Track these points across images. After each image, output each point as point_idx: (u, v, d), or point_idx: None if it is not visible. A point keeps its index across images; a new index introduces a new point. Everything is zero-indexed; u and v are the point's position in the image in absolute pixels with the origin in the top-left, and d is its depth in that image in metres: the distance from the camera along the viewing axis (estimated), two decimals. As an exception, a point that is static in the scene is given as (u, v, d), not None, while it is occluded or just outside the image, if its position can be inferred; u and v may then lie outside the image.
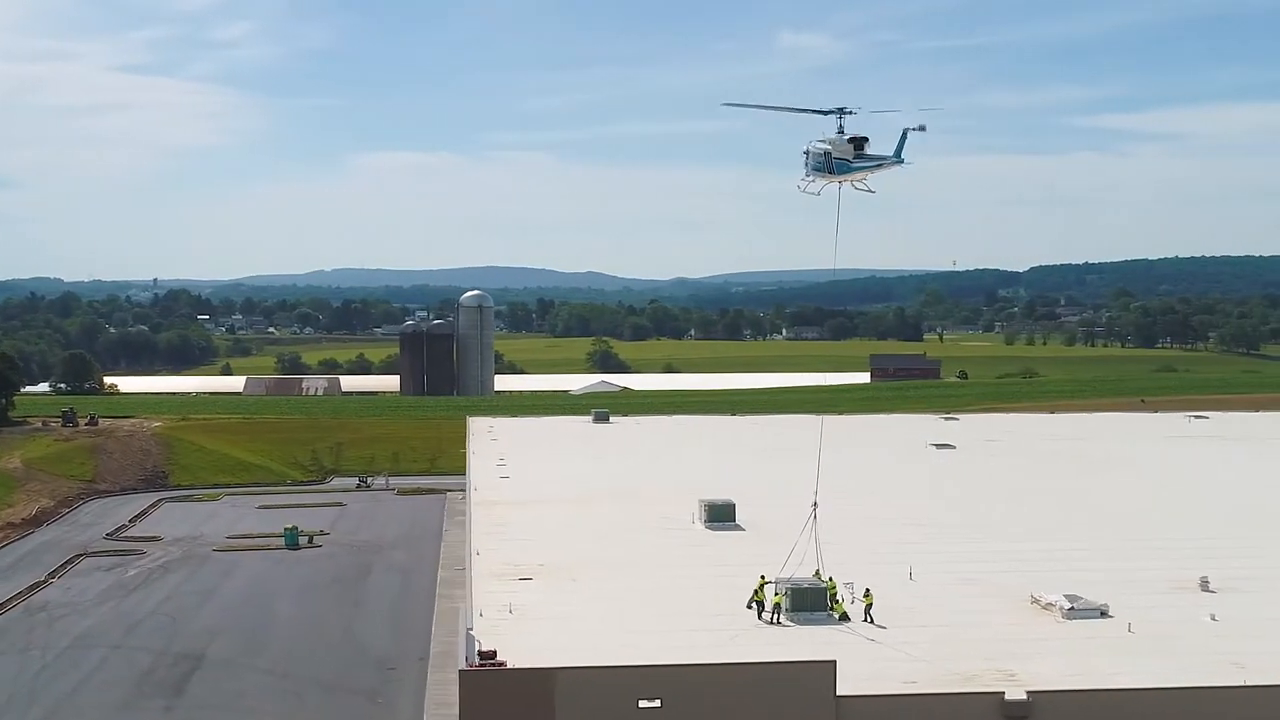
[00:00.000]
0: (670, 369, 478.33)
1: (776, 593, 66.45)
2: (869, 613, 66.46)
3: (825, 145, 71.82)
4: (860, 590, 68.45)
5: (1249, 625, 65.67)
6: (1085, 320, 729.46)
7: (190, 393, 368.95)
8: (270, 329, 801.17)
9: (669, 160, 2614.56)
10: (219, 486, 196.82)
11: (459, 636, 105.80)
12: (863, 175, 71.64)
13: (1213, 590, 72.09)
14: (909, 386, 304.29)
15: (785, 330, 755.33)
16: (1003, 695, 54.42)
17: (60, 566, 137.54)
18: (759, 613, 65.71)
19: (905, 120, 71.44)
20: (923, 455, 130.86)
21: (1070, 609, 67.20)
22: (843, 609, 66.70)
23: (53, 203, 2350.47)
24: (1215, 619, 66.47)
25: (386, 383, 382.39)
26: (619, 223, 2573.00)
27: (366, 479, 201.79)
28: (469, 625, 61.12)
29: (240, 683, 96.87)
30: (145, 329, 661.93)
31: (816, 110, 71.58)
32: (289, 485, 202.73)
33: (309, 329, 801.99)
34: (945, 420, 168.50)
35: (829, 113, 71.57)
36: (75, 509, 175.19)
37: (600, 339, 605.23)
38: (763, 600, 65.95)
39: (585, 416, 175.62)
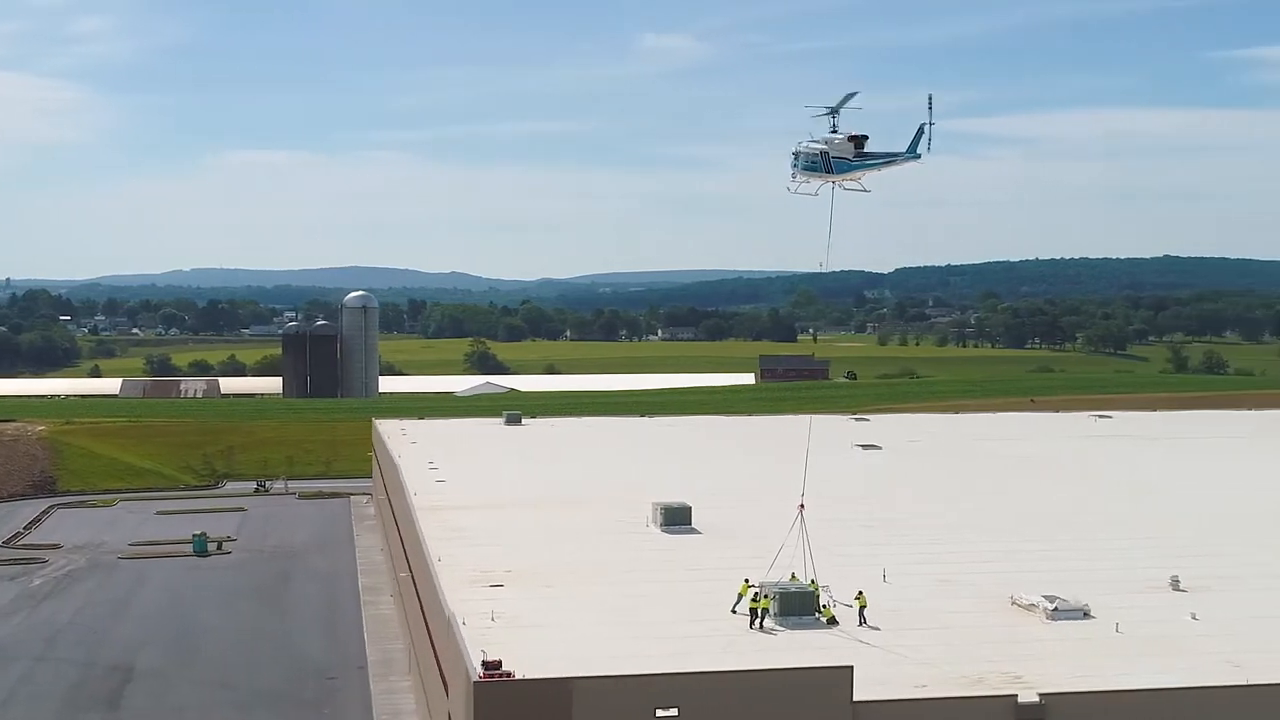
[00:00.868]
0: (553, 370, 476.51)
1: (765, 596, 65.56)
2: (862, 614, 65.97)
3: (820, 145, 70.60)
4: (837, 593, 67.99)
5: (1230, 624, 66.17)
6: (956, 321, 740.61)
7: (62, 395, 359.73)
8: (135, 330, 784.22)
9: (533, 160, 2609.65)
10: (111, 492, 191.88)
11: (400, 644, 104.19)
12: (862, 174, 70.64)
13: (1184, 590, 72.68)
14: (801, 387, 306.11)
15: (661, 331, 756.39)
16: (1016, 698, 54.12)
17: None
18: (753, 619, 64.82)
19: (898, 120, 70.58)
20: (852, 456, 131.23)
21: (1054, 610, 67.23)
22: (830, 613, 66.13)
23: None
24: (1196, 618, 66.99)
25: (268, 384, 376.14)
26: (483, 223, 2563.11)
27: (264, 483, 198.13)
28: (460, 634, 59.27)
29: (178, 695, 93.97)
30: (4, 330, 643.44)
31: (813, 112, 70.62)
32: (182, 490, 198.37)
33: (175, 330, 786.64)
34: (857, 421, 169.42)
35: (822, 114, 70.67)
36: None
37: (478, 340, 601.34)
38: (758, 608, 65.01)
39: (496, 419, 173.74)
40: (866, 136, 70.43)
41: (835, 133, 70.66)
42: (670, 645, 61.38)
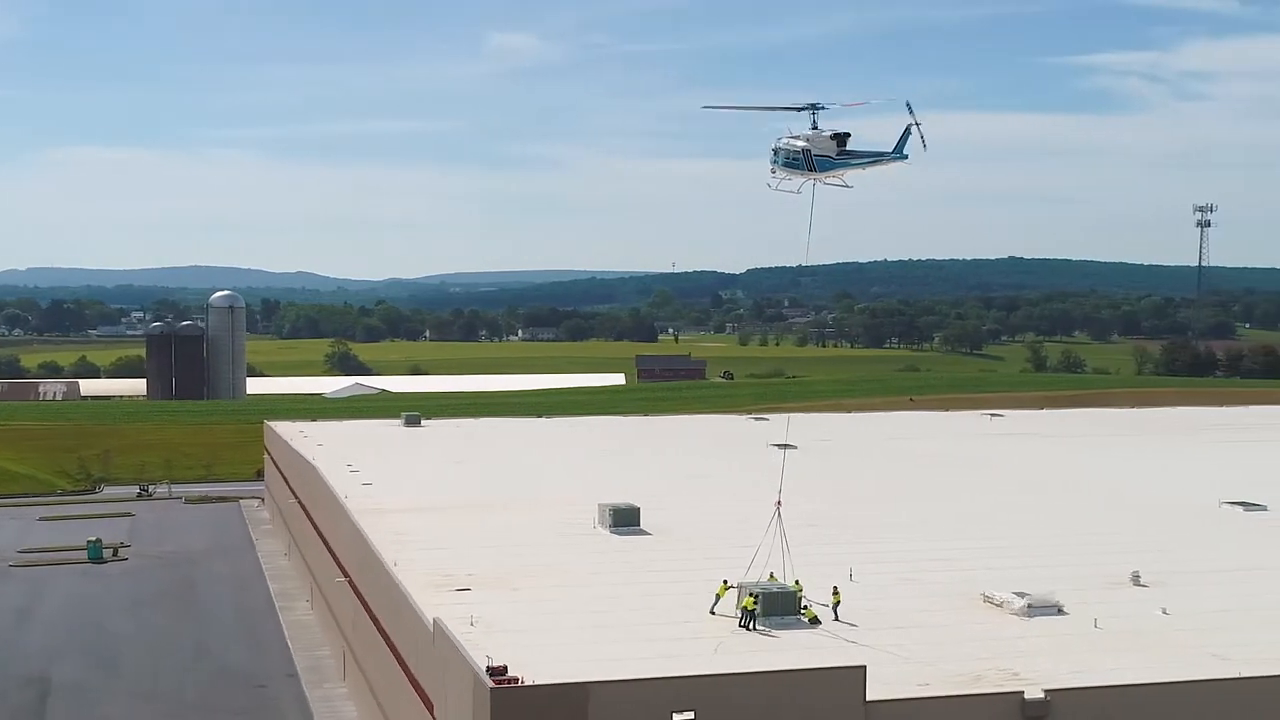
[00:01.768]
0: (419, 371, 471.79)
1: (751, 596, 65.05)
2: (836, 611, 65.86)
3: (802, 142, 70.08)
4: (808, 592, 67.74)
5: (1200, 618, 67.05)
6: (815, 322, 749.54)
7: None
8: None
9: (381, 159, 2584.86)
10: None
11: (327, 651, 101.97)
12: (845, 173, 70.31)
13: (1145, 585, 73.75)
14: (680, 387, 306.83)
15: (521, 331, 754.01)
16: (1022, 695, 54.30)
17: None
18: (740, 619, 64.28)
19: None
20: (771, 455, 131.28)
21: (1028, 607, 67.72)
22: (813, 614, 65.88)
23: None
24: (1167, 613, 67.93)
25: (130, 386, 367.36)
26: (330, 222, 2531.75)
27: (147, 487, 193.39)
28: (457, 640, 57.84)
29: (105, 707, 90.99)
30: None
31: (787, 108, 70.30)
32: (60, 495, 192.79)
33: (19, 330, 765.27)
34: (756, 421, 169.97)
35: (801, 109, 70.26)
36: None
37: (339, 341, 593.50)
38: (749, 608, 64.47)
39: (393, 420, 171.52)
40: (849, 134, 70.05)
41: (816, 129, 70.25)
42: (659, 647, 60.53)
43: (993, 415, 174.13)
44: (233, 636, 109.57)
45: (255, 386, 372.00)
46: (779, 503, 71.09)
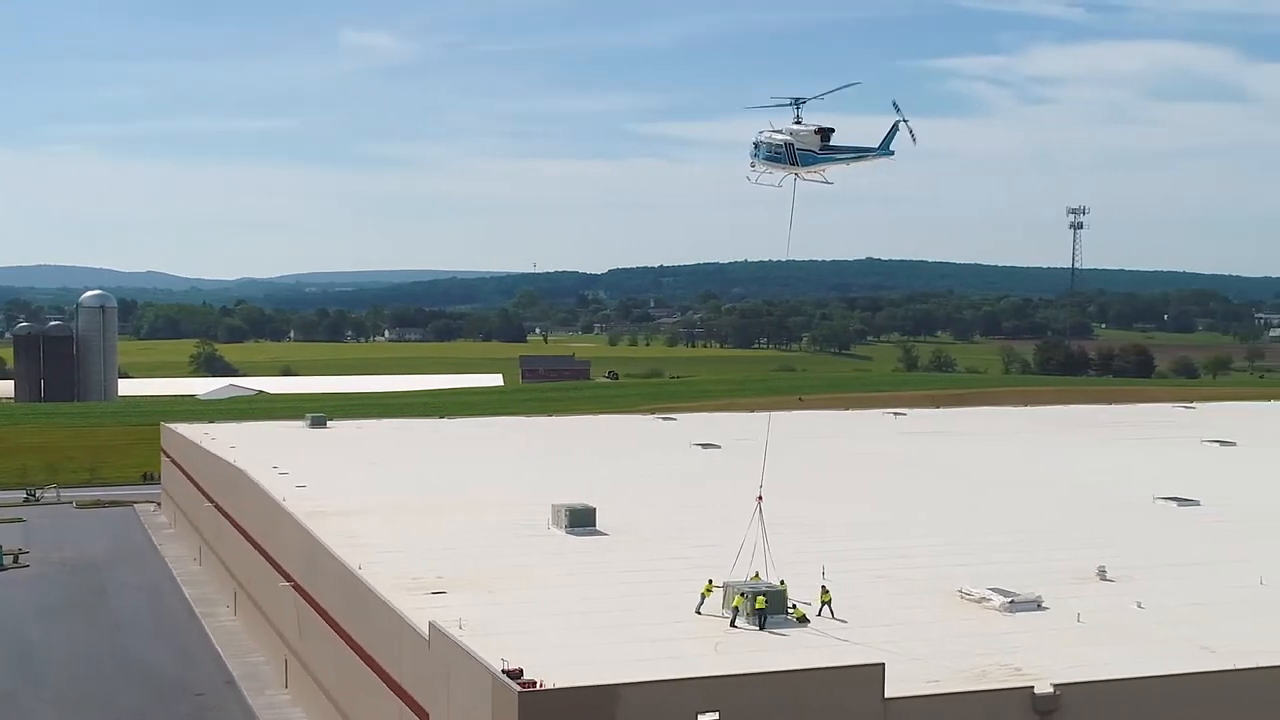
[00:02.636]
0: (290, 372, 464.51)
1: (740, 595, 64.70)
2: (830, 609, 65.70)
3: (784, 136, 69.60)
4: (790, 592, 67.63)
5: (1174, 611, 68.18)
6: (684, 322, 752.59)
7: None
8: None
9: (234, 158, 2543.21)
10: None
11: (261, 657, 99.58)
12: (827, 168, 69.98)
13: (1111, 579, 74.81)
14: (567, 387, 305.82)
15: (388, 332, 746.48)
16: (1033, 689, 54.73)
17: None
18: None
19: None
20: (697, 455, 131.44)
21: (1010, 602, 68.25)
22: (801, 612, 65.69)
23: None
24: (1142, 606, 68.95)
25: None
26: (181, 221, 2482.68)
27: (34, 491, 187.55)
28: (466, 645, 56.66)
29: (39, 718, 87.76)
30: None
31: (768, 105, 69.86)
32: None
33: None
34: (664, 420, 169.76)
35: (785, 104, 69.88)
36: None
37: (204, 341, 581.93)
38: (739, 606, 64.11)
39: (296, 421, 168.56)
40: (833, 129, 69.71)
41: (800, 124, 69.92)
42: (660, 648, 59.92)
43: (896, 414, 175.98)
44: (157, 644, 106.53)
45: (125, 388, 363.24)
46: (760, 498, 70.67)
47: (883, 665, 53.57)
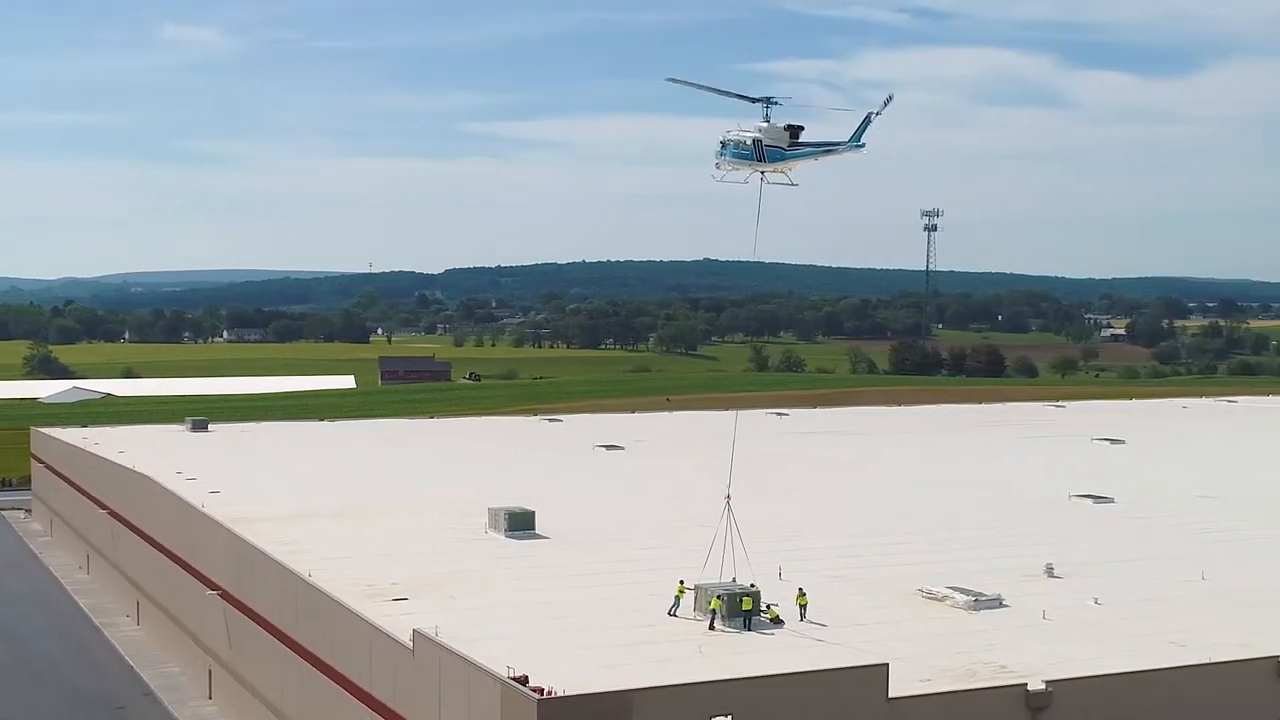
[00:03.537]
0: (132, 374, 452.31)
1: (717, 597, 64.46)
2: (803, 611, 65.90)
3: (753, 133, 69.41)
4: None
5: (1131, 607, 69.61)
6: (530, 322, 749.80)
7: None
8: None
9: (50, 153, 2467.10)
10: None
11: (175, 667, 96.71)
12: (796, 164, 69.92)
13: (1059, 576, 76.18)
14: (430, 389, 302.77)
15: (227, 333, 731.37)
16: (1025, 686, 55.56)
17: None
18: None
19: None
20: (602, 456, 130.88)
21: (974, 601, 69.10)
22: (775, 613, 65.72)
23: None
24: (1099, 603, 70.30)
25: None
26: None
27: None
28: (464, 652, 55.62)
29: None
30: None
31: (742, 96, 69.67)
32: None
33: None
34: (550, 422, 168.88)
35: (756, 100, 69.77)
36: None
37: (38, 343, 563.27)
38: (717, 609, 63.87)
39: (175, 425, 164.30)
40: (803, 127, 69.86)
41: (768, 121, 69.90)
42: (644, 651, 59.67)
43: (779, 414, 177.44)
44: (63, 657, 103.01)
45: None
46: (728, 498, 70.46)
47: (886, 666, 53.98)
